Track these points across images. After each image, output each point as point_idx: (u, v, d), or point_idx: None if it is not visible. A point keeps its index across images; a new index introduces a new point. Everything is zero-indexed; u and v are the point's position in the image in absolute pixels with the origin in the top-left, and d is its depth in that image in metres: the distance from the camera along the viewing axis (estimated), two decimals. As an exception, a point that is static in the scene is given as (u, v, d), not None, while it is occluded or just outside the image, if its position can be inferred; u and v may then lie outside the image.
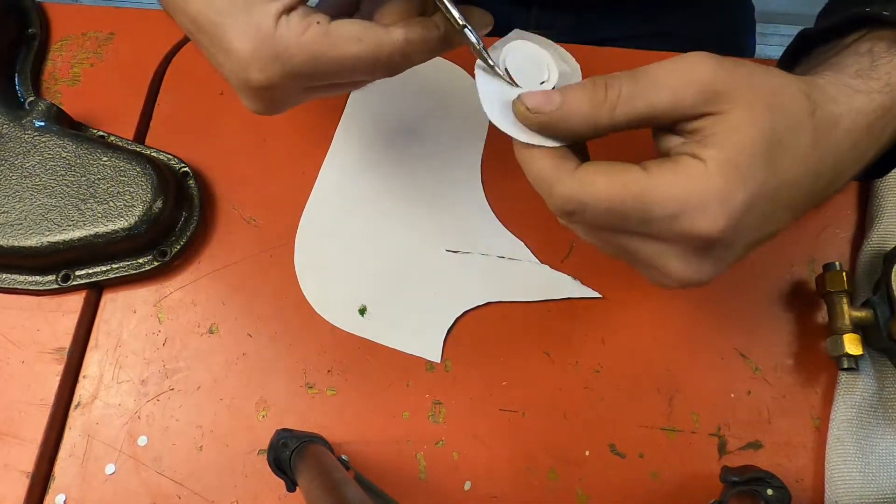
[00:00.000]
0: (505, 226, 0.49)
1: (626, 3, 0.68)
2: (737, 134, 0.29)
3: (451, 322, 0.47)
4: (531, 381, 0.45)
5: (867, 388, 0.43)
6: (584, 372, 0.45)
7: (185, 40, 0.55)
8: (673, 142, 0.31)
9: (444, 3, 0.33)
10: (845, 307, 0.42)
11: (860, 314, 0.42)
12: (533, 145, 0.31)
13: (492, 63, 0.33)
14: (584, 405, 0.45)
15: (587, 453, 0.44)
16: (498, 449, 0.44)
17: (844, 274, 0.42)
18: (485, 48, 0.33)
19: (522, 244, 0.48)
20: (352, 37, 0.33)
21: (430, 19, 0.34)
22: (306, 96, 0.36)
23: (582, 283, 0.47)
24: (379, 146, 0.51)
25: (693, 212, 0.29)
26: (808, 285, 0.46)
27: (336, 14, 0.36)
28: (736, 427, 0.44)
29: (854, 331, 0.41)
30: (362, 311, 0.47)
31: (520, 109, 0.31)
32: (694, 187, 0.29)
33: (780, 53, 0.42)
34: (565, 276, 0.47)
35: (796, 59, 0.41)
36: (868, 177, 0.39)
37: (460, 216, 0.49)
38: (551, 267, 0.47)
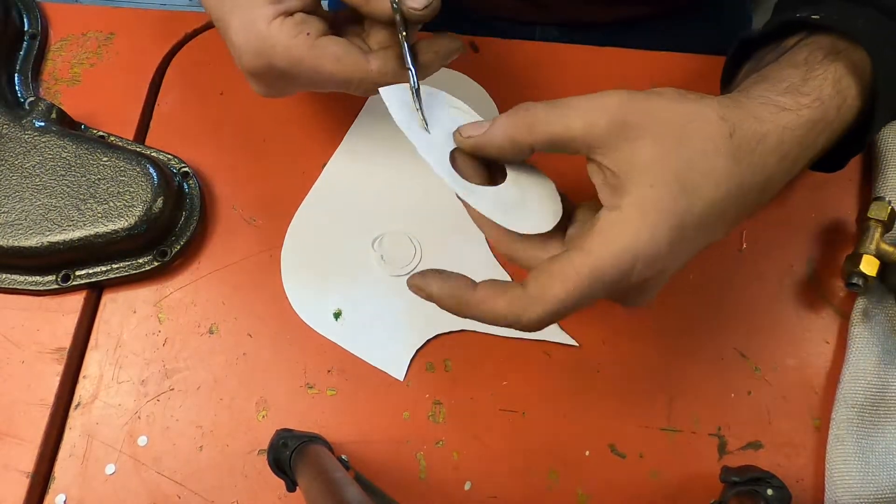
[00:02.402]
0: (496, 256, 0.48)
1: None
2: (646, 173, 0.31)
3: (422, 343, 0.46)
4: (531, 381, 0.45)
5: (869, 388, 0.43)
6: (584, 372, 0.45)
7: (186, 40, 0.55)
8: (597, 178, 0.33)
9: (401, 42, 0.37)
10: (878, 235, 0.43)
11: (888, 248, 0.43)
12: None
13: (418, 107, 0.36)
14: (584, 405, 0.45)
15: (587, 453, 0.44)
16: (498, 449, 0.44)
17: (890, 208, 0.43)
18: (418, 93, 0.37)
19: (509, 277, 0.47)
20: (332, 55, 0.37)
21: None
22: (295, 88, 0.40)
23: (561, 327, 0.46)
24: (384, 154, 0.51)
25: (631, 266, 0.31)
26: (809, 285, 0.46)
27: (339, 23, 0.39)
28: (736, 427, 0.44)
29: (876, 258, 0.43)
30: (337, 315, 0.47)
31: (457, 136, 0.35)
32: (622, 244, 0.31)
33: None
34: None
35: (740, 62, 0.43)
36: (826, 170, 0.41)
37: (451, 239, 0.49)
38: None
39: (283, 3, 0.37)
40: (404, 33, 0.37)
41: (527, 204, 0.36)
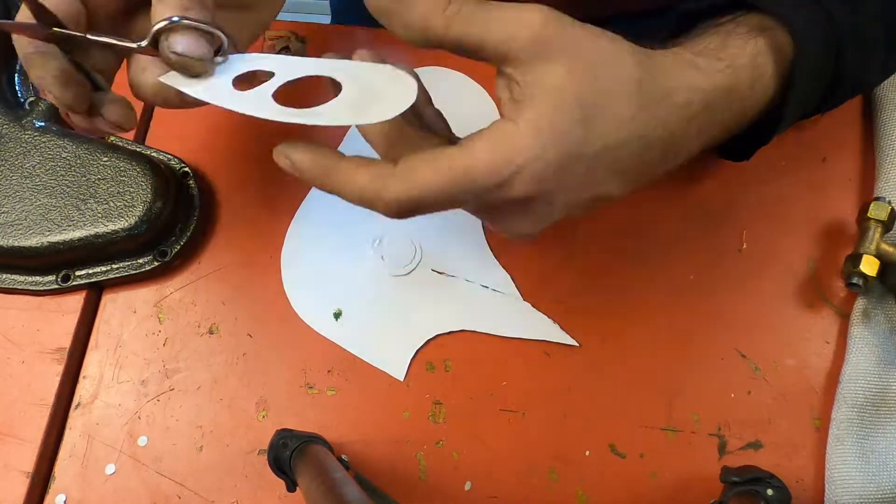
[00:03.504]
0: (496, 256, 0.48)
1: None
2: (551, 95, 0.30)
3: (422, 343, 0.46)
4: (531, 381, 0.45)
5: (869, 388, 0.43)
6: (585, 372, 0.45)
7: (185, 40, 0.55)
8: (503, 93, 0.32)
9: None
10: (877, 235, 0.43)
11: (888, 248, 0.43)
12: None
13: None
14: (584, 405, 0.45)
15: (587, 453, 0.44)
16: (498, 449, 0.44)
17: (890, 209, 0.43)
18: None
19: (509, 278, 0.47)
20: None
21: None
22: None
23: (561, 327, 0.46)
24: None
25: (510, 176, 0.30)
26: (809, 285, 0.46)
27: None
28: (736, 427, 0.44)
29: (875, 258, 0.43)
30: (337, 315, 0.47)
31: None
32: (506, 152, 0.30)
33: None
34: (545, 317, 0.46)
35: (677, 35, 0.41)
36: (733, 158, 0.41)
37: (452, 238, 0.49)
38: (533, 306, 0.46)
39: None
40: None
41: (379, 94, 0.32)
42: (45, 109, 0.49)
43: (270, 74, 0.33)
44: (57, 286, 0.47)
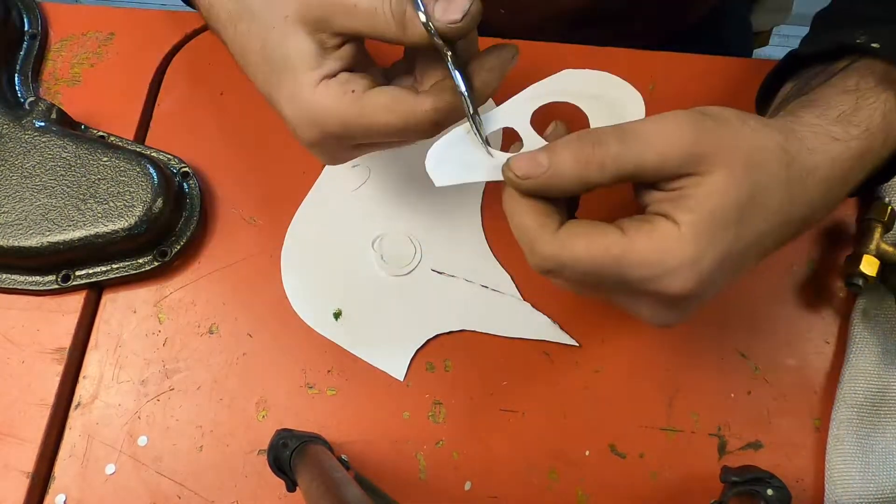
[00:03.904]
0: (496, 256, 0.48)
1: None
2: (713, 198, 0.30)
3: (422, 343, 0.46)
4: (531, 381, 0.45)
5: (868, 388, 0.43)
6: (584, 372, 0.45)
7: (186, 40, 0.55)
8: (653, 197, 0.32)
9: (449, 67, 0.33)
10: (877, 235, 0.43)
11: (888, 248, 0.43)
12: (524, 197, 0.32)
13: (481, 140, 0.34)
14: (584, 405, 0.45)
15: (587, 453, 0.44)
16: (498, 449, 0.44)
17: (890, 209, 0.43)
18: (478, 119, 0.34)
19: (509, 278, 0.47)
20: (381, 106, 0.34)
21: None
22: (357, 151, 0.39)
23: (561, 327, 0.46)
24: (385, 154, 0.50)
25: (665, 276, 0.30)
26: (809, 285, 0.46)
27: (396, 75, 0.38)
28: (736, 427, 0.44)
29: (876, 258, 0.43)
30: (337, 315, 0.47)
31: (509, 176, 0.32)
32: (668, 252, 0.30)
33: (782, 53, 0.42)
34: (545, 317, 0.46)
35: (784, 77, 0.42)
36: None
37: (452, 237, 0.49)
38: (533, 306, 0.47)
39: (324, 67, 0.35)
40: (449, 54, 0.33)
41: (615, 104, 0.34)
42: (45, 109, 0.49)
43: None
44: (57, 286, 0.47)
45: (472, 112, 0.34)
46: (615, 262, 0.30)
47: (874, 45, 0.36)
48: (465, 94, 0.33)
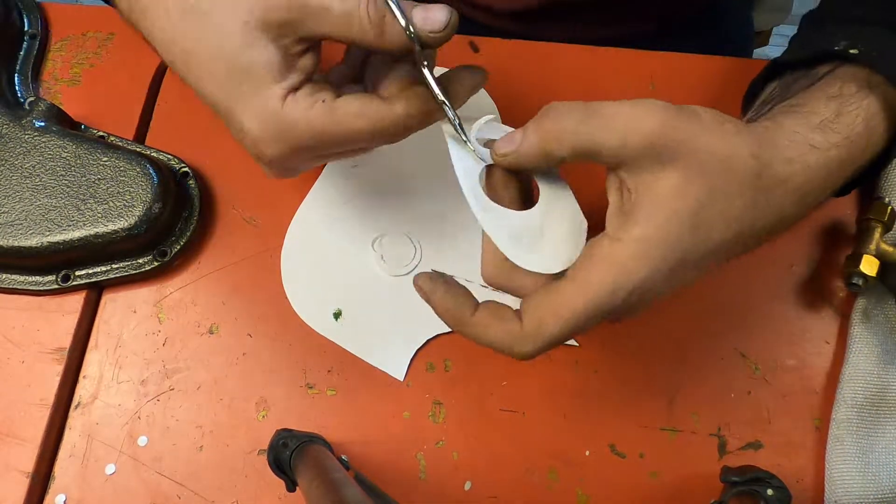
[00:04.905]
0: None
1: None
2: (663, 207, 0.30)
3: (422, 343, 0.46)
4: (531, 381, 0.45)
5: (868, 388, 0.43)
6: (584, 372, 0.45)
7: (185, 40, 0.55)
8: (613, 195, 0.33)
9: (426, 79, 0.34)
10: (877, 235, 0.43)
11: (888, 248, 0.43)
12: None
13: (465, 139, 0.35)
14: (584, 405, 0.45)
15: (587, 453, 0.44)
16: (498, 449, 0.44)
17: (890, 209, 0.43)
18: (461, 125, 0.35)
19: None
20: (354, 113, 0.34)
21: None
22: (318, 162, 0.38)
23: None
24: (384, 154, 0.50)
25: (626, 296, 0.31)
26: (809, 285, 0.46)
27: (340, 82, 0.38)
28: (736, 427, 0.44)
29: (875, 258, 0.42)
30: (337, 315, 0.47)
31: (494, 158, 0.34)
32: (616, 277, 0.31)
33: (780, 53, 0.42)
34: None
35: (766, 79, 0.42)
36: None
37: (451, 239, 0.48)
38: None
39: (289, 79, 0.34)
40: (426, 63, 0.33)
41: (544, 237, 0.34)
42: (45, 109, 0.49)
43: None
44: (57, 286, 0.47)
45: (453, 116, 0.34)
46: (584, 314, 0.31)
47: (853, 51, 0.36)
48: (447, 101, 0.34)
